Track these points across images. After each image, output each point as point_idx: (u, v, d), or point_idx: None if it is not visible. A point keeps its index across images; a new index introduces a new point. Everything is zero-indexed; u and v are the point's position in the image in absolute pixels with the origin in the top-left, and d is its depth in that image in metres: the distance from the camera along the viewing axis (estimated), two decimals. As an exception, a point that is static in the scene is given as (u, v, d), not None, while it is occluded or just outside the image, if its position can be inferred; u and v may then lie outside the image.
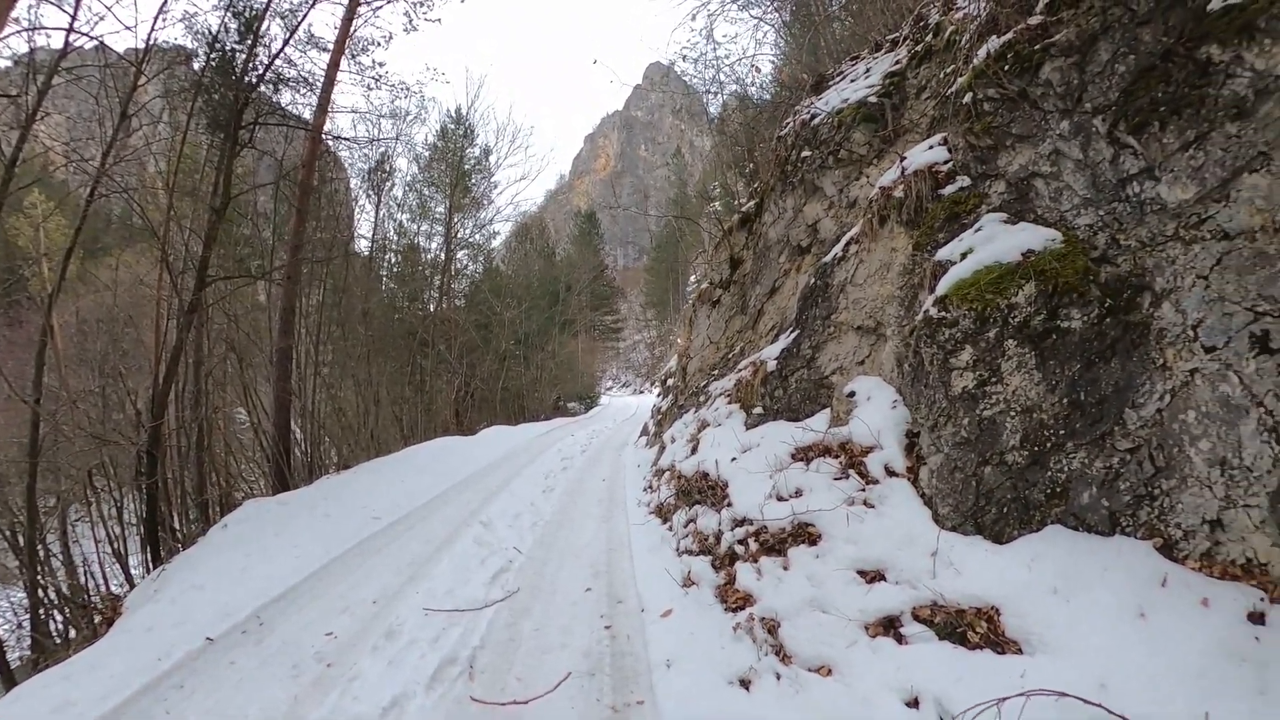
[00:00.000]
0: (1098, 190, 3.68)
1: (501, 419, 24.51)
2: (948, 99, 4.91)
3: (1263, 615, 2.81)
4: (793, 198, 7.82)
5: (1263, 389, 3.02)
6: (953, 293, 3.87)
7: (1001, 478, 3.55)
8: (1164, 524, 3.21)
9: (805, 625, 3.65)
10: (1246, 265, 3.12)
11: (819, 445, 4.95)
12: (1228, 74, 3.03)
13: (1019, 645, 3.07)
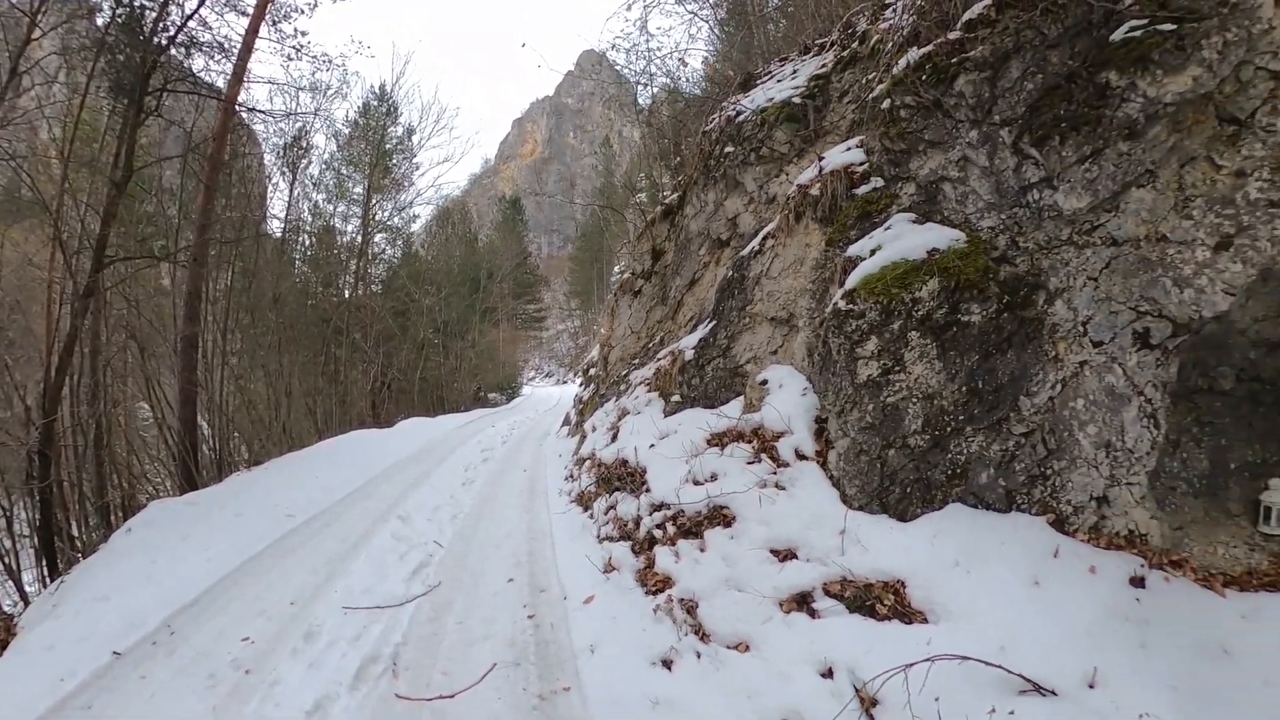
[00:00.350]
0: (1000, 196, 4.01)
1: (420, 410, 23.83)
2: (868, 104, 5.19)
3: (1143, 579, 3.20)
4: (714, 192, 8.04)
5: (1143, 380, 3.41)
6: (861, 287, 4.13)
7: (904, 460, 3.82)
8: (1056, 501, 3.56)
9: (722, 604, 3.81)
10: (1131, 269, 3.50)
11: (733, 431, 5.16)
12: (1123, 98, 3.40)
13: (925, 615, 3.33)
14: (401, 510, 7.52)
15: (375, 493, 8.71)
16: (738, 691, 3.30)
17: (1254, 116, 3.19)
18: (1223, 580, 3.18)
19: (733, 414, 5.43)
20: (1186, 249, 3.35)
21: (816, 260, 5.35)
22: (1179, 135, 3.38)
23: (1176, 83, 3.27)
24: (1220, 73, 3.21)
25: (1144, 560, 3.29)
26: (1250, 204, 3.16)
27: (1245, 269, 3.17)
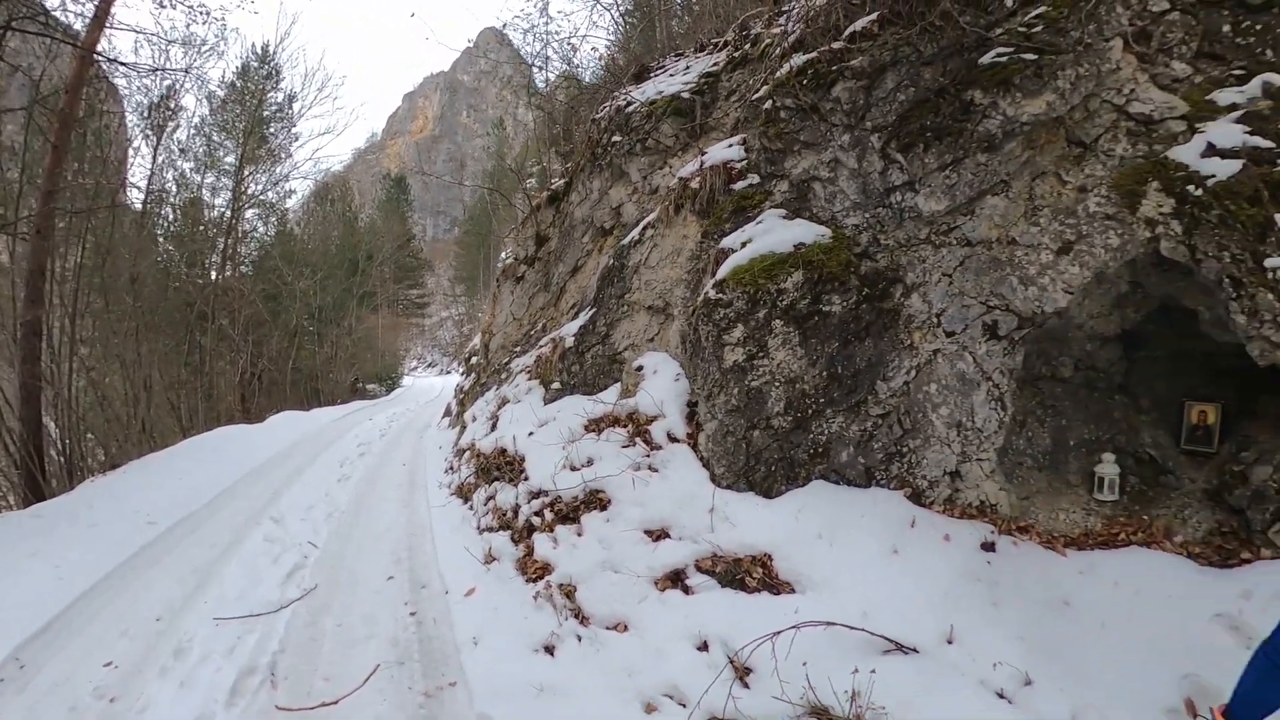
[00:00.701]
0: (866, 196, 4.33)
1: (293, 404, 22.19)
2: (752, 104, 5.41)
3: (993, 544, 3.58)
4: (600, 180, 8.15)
5: (991, 366, 3.81)
6: (730, 277, 4.36)
7: (769, 440, 4.07)
8: (912, 476, 3.91)
9: (600, 587, 3.91)
10: (983, 268, 3.89)
11: (610, 416, 5.28)
12: (985, 115, 3.77)
13: (792, 586, 3.56)
14: (274, 511, 7.14)
15: (246, 493, 8.19)
16: (619, 671, 3.39)
17: (1098, 141, 3.66)
18: (1064, 542, 3.61)
19: (609, 400, 5.56)
20: (1033, 252, 3.76)
21: (693, 251, 5.57)
22: (1032, 152, 3.79)
23: (1033, 105, 3.67)
24: (1071, 101, 3.64)
25: (994, 527, 3.68)
26: (1089, 216, 3.59)
27: (1082, 271, 3.59)
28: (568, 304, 8.39)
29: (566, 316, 7.95)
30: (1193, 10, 3.65)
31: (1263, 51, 3.47)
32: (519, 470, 5.65)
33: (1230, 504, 3.33)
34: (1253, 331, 3.07)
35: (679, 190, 5.93)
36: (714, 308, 4.34)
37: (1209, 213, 3.18)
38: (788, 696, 2.93)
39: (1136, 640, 3.01)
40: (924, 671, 2.99)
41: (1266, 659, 2.20)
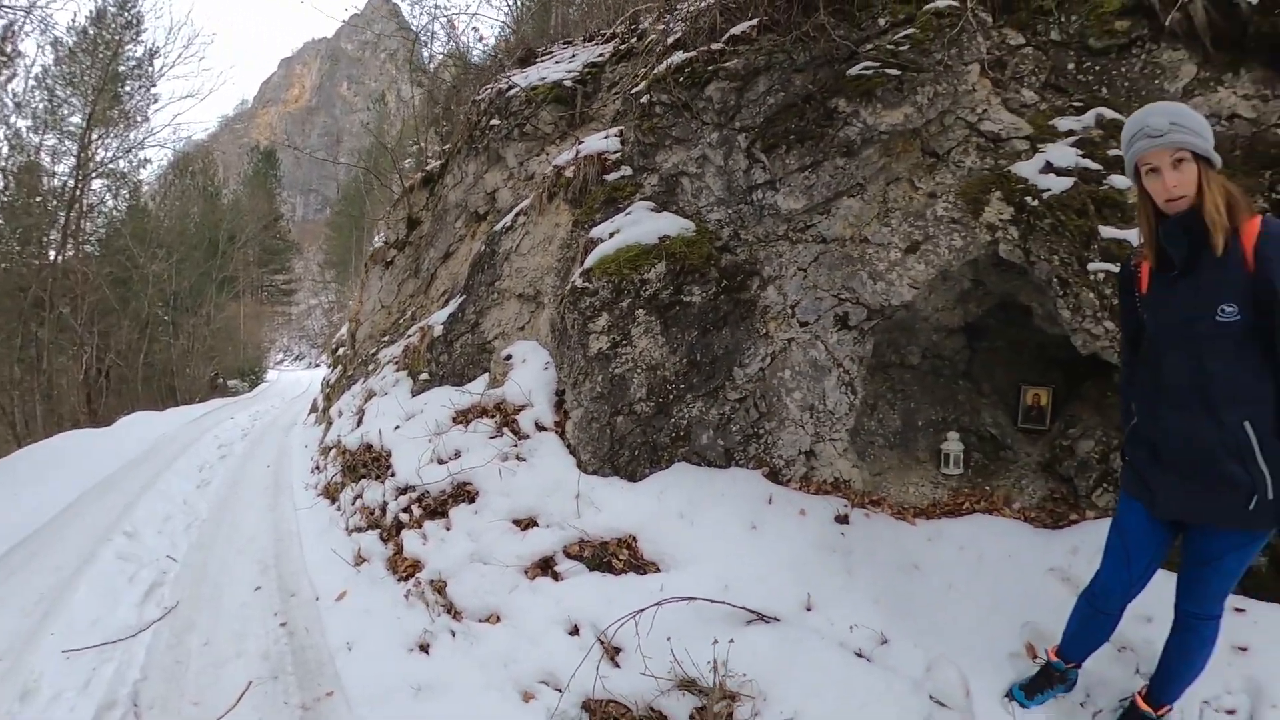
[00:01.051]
0: (730, 193, 4.53)
1: (145, 404, 19.95)
2: (631, 97, 5.52)
3: (847, 517, 3.83)
4: (476, 164, 8.04)
5: (842, 354, 4.08)
6: (596, 266, 4.46)
7: (632, 425, 4.21)
8: (769, 456, 4.13)
9: (471, 580, 3.91)
10: (836, 264, 4.15)
11: (477, 407, 5.25)
12: (846, 122, 4.04)
13: (657, 565, 3.69)
14: (127, 524, 6.52)
15: (94, 507, 7.39)
16: (495, 663, 3.41)
17: (950, 153, 4.04)
18: (913, 512, 3.93)
19: (477, 390, 5.52)
20: (883, 250, 4.06)
21: (564, 239, 5.63)
22: (888, 159, 4.11)
23: (892, 116, 3.97)
24: (928, 115, 3.98)
25: (847, 501, 3.95)
26: (937, 219, 3.94)
27: (927, 269, 3.93)
28: (438, 291, 8.23)
29: (437, 304, 7.81)
30: (1044, 48, 4.14)
31: (1100, 89, 3.97)
32: (386, 466, 5.53)
33: (1060, 473, 3.78)
34: (1076, 325, 3.50)
35: (553, 178, 5.96)
36: (580, 296, 4.42)
37: (1043, 221, 3.60)
38: (657, 672, 3.04)
39: (981, 596, 3.34)
40: (785, 638, 3.17)
41: (1087, 603, 2.59)
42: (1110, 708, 2.71)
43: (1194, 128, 2.12)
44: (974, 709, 2.82)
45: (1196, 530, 2.31)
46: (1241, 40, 3.64)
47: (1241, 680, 2.61)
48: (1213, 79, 3.70)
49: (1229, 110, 3.63)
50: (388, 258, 10.29)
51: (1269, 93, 3.57)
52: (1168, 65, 3.82)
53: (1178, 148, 2.10)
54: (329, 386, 11.79)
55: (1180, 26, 3.72)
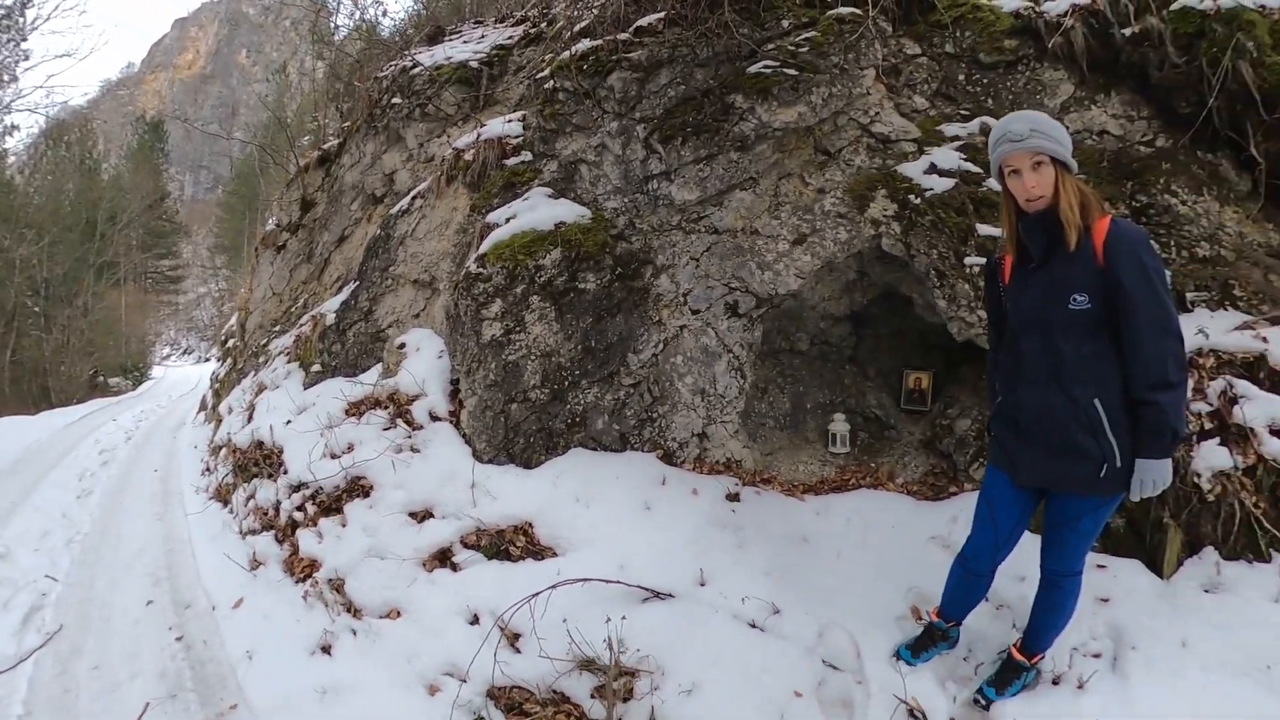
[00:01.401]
0: (627, 182, 4.62)
1: (15, 407, 18.44)
2: (535, 82, 5.54)
3: (738, 495, 4.02)
4: (375, 143, 7.84)
5: (732, 341, 4.25)
6: (491, 252, 4.46)
7: (527, 413, 4.26)
8: (664, 439, 4.28)
9: (369, 576, 3.88)
10: (727, 254, 4.31)
11: (371, 398, 5.16)
12: (742, 117, 4.20)
13: (554, 550, 3.76)
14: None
15: None
16: (398, 658, 3.39)
17: (841, 152, 4.29)
18: (802, 489, 4.17)
19: (371, 381, 5.43)
20: (772, 241, 4.25)
21: (461, 224, 5.60)
22: (781, 155, 4.29)
23: (787, 114, 4.16)
24: (822, 115, 4.21)
25: (739, 480, 4.13)
26: (824, 214, 4.17)
27: (813, 260, 4.15)
28: (332, 277, 7.99)
29: (330, 291, 7.59)
30: (938, 59, 4.48)
31: (986, 100, 4.33)
32: (278, 464, 5.36)
33: (940, 450, 4.10)
34: (952, 313, 3.81)
35: (453, 161, 5.89)
36: (474, 282, 4.42)
37: (924, 218, 3.89)
38: (556, 654, 3.12)
39: (867, 564, 3.59)
40: (680, 613, 3.30)
41: (961, 567, 2.87)
42: (990, 660, 2.98)
43: (1052, 134, 2.37)
44: (864, 670, 3.02)
45: (1056, 496, 2.56)
46: (1114, 66, 4.05)
47: (1105, 627, 2.90)
48: (1087, 98, 4.11)
49: (1099, 127, 4.07)
50: (279, 241, 9.85)
51: (1134, 114, 4.01)
52: (1048, 83, 4.22)
53: (1036, 152, 2.35)
54: (218, 381, 11.18)
55: (1061, 50, 4.10)
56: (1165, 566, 3.02)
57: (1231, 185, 3.81)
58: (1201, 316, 3.43)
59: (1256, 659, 2.62)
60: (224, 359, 12.13)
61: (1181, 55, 3.74)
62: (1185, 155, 3.86)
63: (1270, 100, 3.49)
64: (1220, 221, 3.71)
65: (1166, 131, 3.96)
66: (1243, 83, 3.53)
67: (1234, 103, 3.60)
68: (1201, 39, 3.67)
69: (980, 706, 2.81)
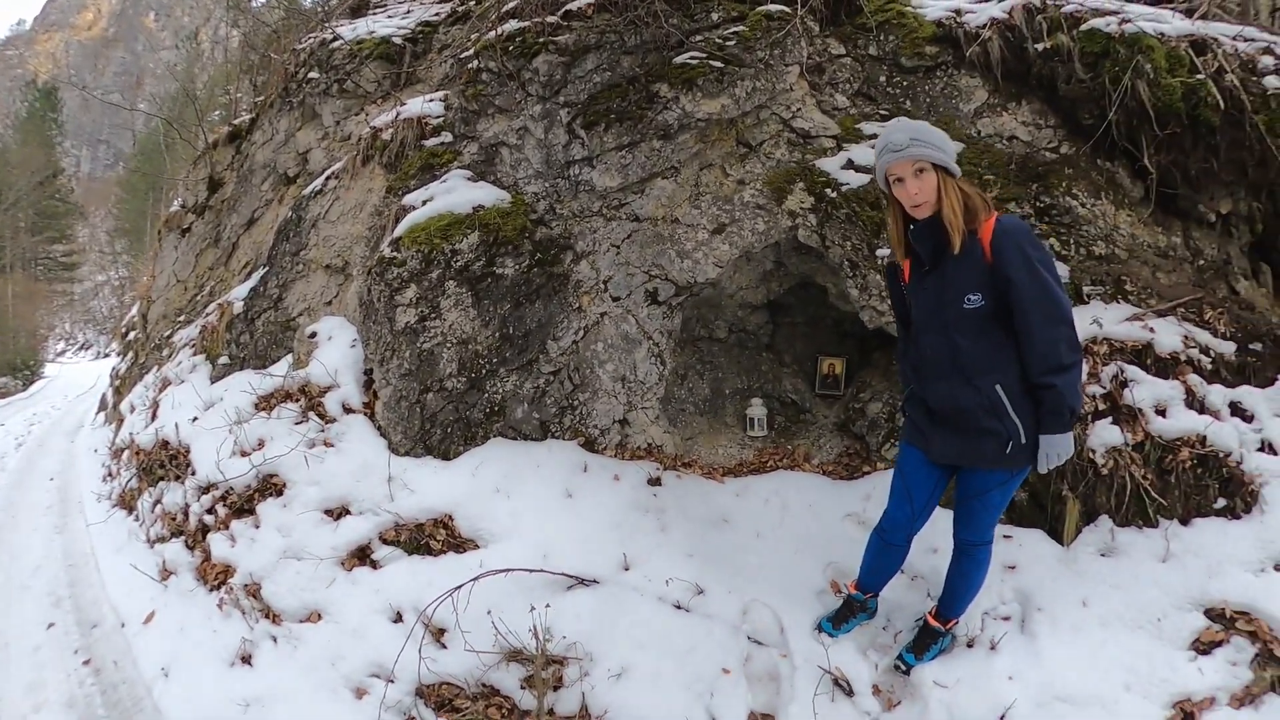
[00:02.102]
0: (548, 166, 4.57)
1: None
2: (459, 61, 5.43)
3: (659, 479, 4.06)
4: (289, 120, 7.47)
5: (652, 328, 4.28)
6: (406, 235, 4.35)
7: (443, 402, 4.18)
8: (585, 426, 4.27)
9: (286, 579, 3.74)
10: (647, 241, 4.32)
11: (281, 391, 4.94)
12: (666, 106, 4.22)
13: (475, 542, 3.71)
14: None
15: None
16: (322, 663, 3.31)
17: (762, 145, 4.38)
18: (722, 472, 4.25)
19: (281, 373, 5.19)
20: (692, 230, 4.29)
21: (376, 207, 5.41)
22: (703, 145, 4.34)
23: (710, 105, 4.20)
24: (745, 107, 4.27)
25: (660, 465, 4.18)
26: (744, 205, 4.24)
27: (731, 249, 4.22)
28: (240, 263, 7.55)
29: (238, 278, 7.18)
30: (861, 60, 4.64)
31: (905, 101, 4.52)
32: (185, 464, 5.06)
33: (854, 432, 4.24)
34: (864, 302, 3.97)
35: (370, 140, 5.68)
36: (388, 267, 4.30)
37: (839, 211, 4.02)
38: (483, 647, 3.11)
39: (787, 542, 3.70)
40: (606, 599, 3.34)
41: (878, 539, 3.03)
42: (908, 628, 3.19)
43: (933, 142, 2.50)
44: (789, 643, 3.16)
45: (967, 471, 2.76)
46: (1026, 78, 4.33)
47: (1013, 592, 3.15)
48: (999, 105, 4.38)
49: (1009, 132, 4.34)
50: (184, 224, 9.22)
51: (1042, 122, 4.32)
52: (964, 89, 4.43)
53: (916, 159, 2.48)
54: (119, 378, 10.28)
55: (979, 59, 4.35)
56: (1066, 535, 3.30)
57: (1126, 191, 4.14)
58: (1096, 308, 3.70)
59: (1148, 613, 2.91)
60: (125, 353, 11.23)
61: (1087, 72, 4.03)
62: (1086, 162, 4.15)
63: (1163, 117, 3.82)
64: (1115, 224, 4.00)
65: (1070, 140, 4.25)
66: (1140, 100, 3.85)
67: (1131, 118, 3.92)
68: (1106, 58, 3.97)
69: (901, 672, 3.02)
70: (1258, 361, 3.57)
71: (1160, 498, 3.20)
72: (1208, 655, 2.77)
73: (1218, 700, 2.67)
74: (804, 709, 2.90)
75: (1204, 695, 2.67)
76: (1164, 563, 3.07)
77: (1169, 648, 2.82)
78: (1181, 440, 3.27)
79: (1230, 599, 2.87)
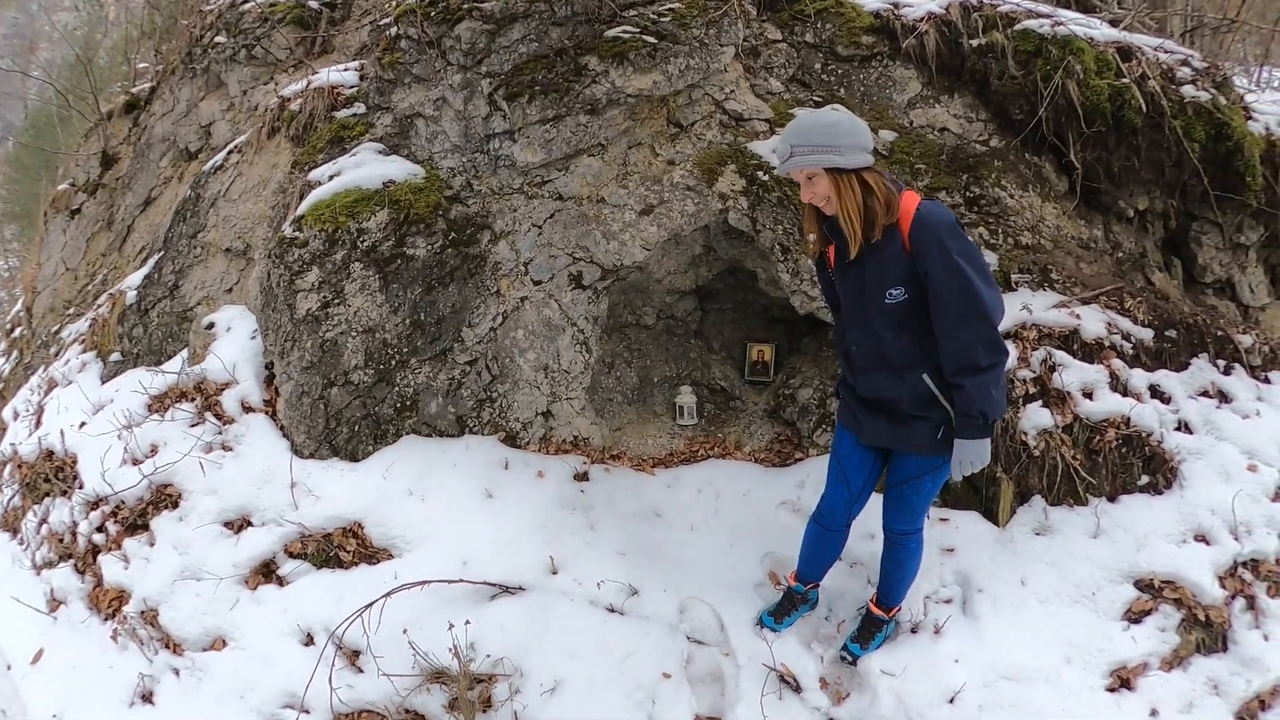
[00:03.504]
0: (467, 140, 4.10)
1: None
2: (378, 28, 5.01)
3: (586, 474, 3.70)
4: (191, 88, 6.64)
5: (577, 314, 3.90)
6: (309, 213, 3.83)
7: (349, 397, 3.70)
8: (505, 420, 3.85)
9: (186, 602, 3.27)
10: (571, 222, 3.94)
11: (176, 390, 4.29)
12: (595, 80, 3.84)
13: (389, 551, 3.29)
14: None
15: None
16: (230, 696, 2.94)
17: (693, 126, 4.09)
18: (652, 463, 3.95)
19: (175, 369, 4.49)
20: (618, 211, 3.93)
21: (281, 183, 4.81)
22: (632, 123, 3.99)
23: (641, 81, 3.85)
24: (677, 85, 3.95)
25: (586, 459, 3.83)
26: (674, 186, 3.93)
27: (660, 231, 3.89)
28: (136, 247, 6.63)
29: (133, 265, 6.31)
30: (797, 46, 4.47)
31: (839, 89, 4.37)
32: (73, 476, 4.36)
33: (784, 419, 4.03)
34: (795, 287, 3.80)
35: (277, 111, 5.06)
36: (288, 248, 3.77)
37: (771, 194, 3.84)
38: (402, 669, 2.80)
39: (722, 534, 3.45)
40: (534, 607, 3.02)
41: (817, 525, 2.88)
42: (851, 617, 3.08)
43: (819, 143, 2.26)
44: (730, 641, 2.96)
45: (899, 455, 2.62)
46: (959, 71, 4.29)
47: (953, 574, 3.09)
48: (933, 97, 4.32)
49: (941, 124, 4.29)
50: (74, 204, 8.03)
51: (973, 116, 4.30)
52: (899, 79, 4.36)
53: (802, 169, 2.31)
54: (2, 381, 9.09)
55: (914, 51, 4.28)
56: (1001, 515, 3.29)
57: (1052, 185, 4.19)
58: (1025, 295, 3.70)
59: (1084, 588, 2.97)
60: (9, 352, 9.83)
61: (1020, 69, 4.05)
62: (1015, 156, 4.18)
63: (1090, 116, 3.88)
64: (1041, 215, 4.04)
65: (1000, 134, 4.26)
66: (1070, 99, 3.88)
67: (1060, 115, 3.96)
68: (1038, 57, 3.99)
69: (848, 663, 2.90)
70: (1173, 347, 3.69)
71: (1090, 477, 3.25)
72: (1139, 624, 2.87)
73: (1150, 665, 2.77)
74: (751, 709, 2.73)
75: (1138, 661, 2.77)
76: (1095, 539, 3.13)
77: (1104, 619, 2.88)
78: (1108, 421, 3.34)
79: (1157, 570, 2.98)
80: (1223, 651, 2.86)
